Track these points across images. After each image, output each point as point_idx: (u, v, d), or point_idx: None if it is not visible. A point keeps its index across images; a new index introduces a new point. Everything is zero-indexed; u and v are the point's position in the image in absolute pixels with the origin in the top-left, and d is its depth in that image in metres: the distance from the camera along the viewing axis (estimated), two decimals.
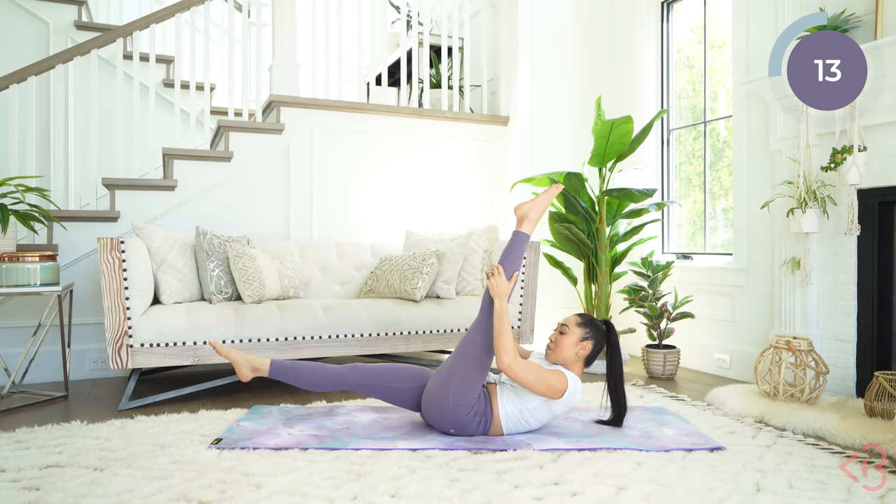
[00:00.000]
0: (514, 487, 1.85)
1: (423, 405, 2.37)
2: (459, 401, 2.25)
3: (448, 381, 2.26)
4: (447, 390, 2.25)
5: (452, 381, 2.25)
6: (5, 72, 4.25)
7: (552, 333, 2.44)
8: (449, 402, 2.25)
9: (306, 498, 1.76)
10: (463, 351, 2.29)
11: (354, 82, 5.77)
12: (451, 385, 2.25)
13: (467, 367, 2.26)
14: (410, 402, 2.44)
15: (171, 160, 3.67)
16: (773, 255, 3.36)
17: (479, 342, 2.29)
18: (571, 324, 2.42)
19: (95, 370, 3.46)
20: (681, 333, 3.89)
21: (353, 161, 4.07)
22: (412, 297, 3.34)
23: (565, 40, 4.49)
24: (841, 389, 3.04)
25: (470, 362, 2.26)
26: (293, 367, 2.39)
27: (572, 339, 2.39)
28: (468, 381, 2.25)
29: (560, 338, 2.40)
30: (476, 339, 2.29)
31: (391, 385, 2.41)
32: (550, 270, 4.30)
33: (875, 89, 2.81)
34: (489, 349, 2.29)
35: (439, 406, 2.28)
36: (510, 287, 2.30)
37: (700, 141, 4.05)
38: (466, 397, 2.25)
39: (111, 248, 2.74)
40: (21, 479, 1.88)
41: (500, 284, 2.29)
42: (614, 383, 2.44)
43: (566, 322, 2.44)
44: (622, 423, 2.48)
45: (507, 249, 2.40)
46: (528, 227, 2.44)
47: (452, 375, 2.26)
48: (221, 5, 5.31)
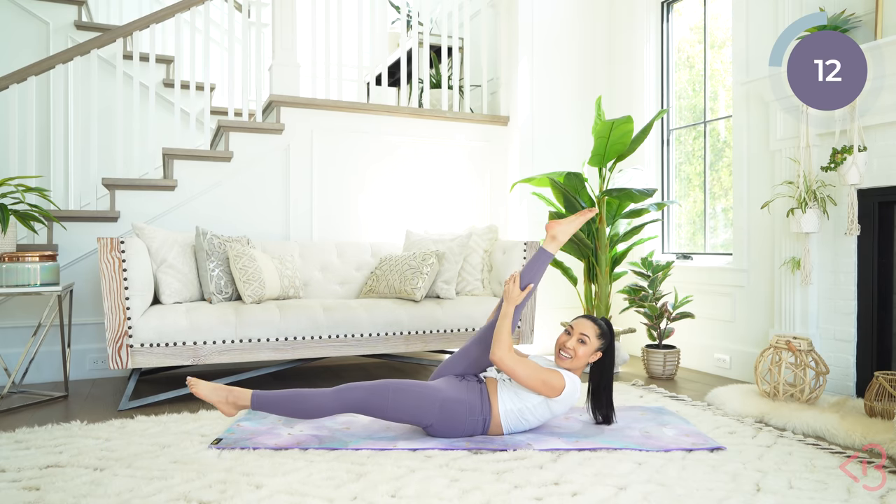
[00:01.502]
0: (514, 487, 1.85)
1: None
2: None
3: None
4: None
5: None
6: (5, 72, 4.25)
7: (565, 337, 2.41)
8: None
9: (306, 498, 1.76)
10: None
11: (354, 82, 5.77)
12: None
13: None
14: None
15: (171, 160, 3.67)
16: (773, 255, 3.36)
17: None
18: (592, 335, 2.40)
19: (95, 370, 3.46)
20: (681, 333, 3.89)
21: (353, 161, 4.07)
22: (412, 297, 3.34)
23: (565, 40, 4.49)
24: (841, 389, 3.04)
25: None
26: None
27: (590, 349, 2.40)
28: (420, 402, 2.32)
29: (579, 346, 2.39)
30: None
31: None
32: (550, 270, 4.29)
33: (875, 89, 2.81)
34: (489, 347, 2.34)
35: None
36: (522, 295, 2.42)
37: (700, 141, 4.05)
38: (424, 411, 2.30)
39: (111, 248, 2.74)
40: (21, 479, 1.88)
41: (513, 291, 2.42)
42: (606, 383, 2.46)
43: (586, 332, 2.40)
44: (609, 416, 2.49)
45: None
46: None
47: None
48: (221, 5, 5.31)
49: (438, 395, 2.26)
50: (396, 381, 2.28)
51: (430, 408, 2.24)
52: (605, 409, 2.47)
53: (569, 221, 2.54)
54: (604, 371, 2.44)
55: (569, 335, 2.42)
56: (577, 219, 2.56)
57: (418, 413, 2.23)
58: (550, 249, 2.51)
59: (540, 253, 2.50)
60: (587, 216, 2.58)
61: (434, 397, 2.25)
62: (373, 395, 2.22)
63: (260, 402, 2.21)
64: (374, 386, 2.24)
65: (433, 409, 2.24)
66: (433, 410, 2.24)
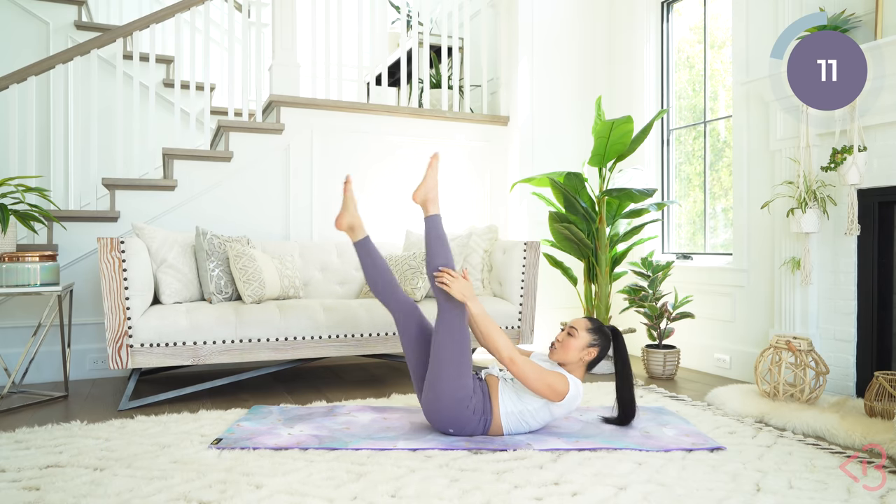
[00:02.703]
0: (514, 487, 1.85)
1: (423, 407, 2.36)
2: (456, 395, 2.24)
3: (438, 389, 2.25)
4: (442, 396, 2.25)
5: (442, 386, 2.24)
6: (5, 72, 4.25)
7: (559, 334, 2.44)
8: (445, 403, 2.26)
9: (306, 498, 1.76)
10: (439, 356, 2.25)
11: (354, 82, 5.77)
12: (444, 390, 2.24)
13: (450, 372, 2.23)
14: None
15: (171, 160, 3.67)
16: (773, 255, 3.36)
17: (447, 344, 2.25)
18: (581, 328, 2.41)
19: (95, 370, 3.46)
20: (681, 333, 3.89)
21: (353, 161, 4.07)
22: (412, 297, 3.33)
23: (565, 40, 4.49)
24: (841, 389, 3.04)
25: (449, 364, 2.24)
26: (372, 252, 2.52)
27: (580, 344, 2.39)
28: (456, 378, 2.24)
29: (567, 339, 2.40)
30: (444, 342, 2.25)
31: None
32: (550, 270, 4.30)
33: (875, 89, 2.81)
34: (461, 342, 2.26)
35: (441, 409, 2.28)
36: (470, 283, 2.29)
37: (700, 141, 4.05)
38: (461, 390, 2.24)
39: (111, 248, 2.74)
40: (21, 479, 1.88)
41: (462, 286, 2.25)
42: (627, 390, 2.44)
43: (575, 325, 2.43)
44: (627, 424, 2.49)
45: (433, 244, 2.35)
46: (435, 207, 2.42)
47: (438, 380, 2.24)
48: (221, 5, 5.31)
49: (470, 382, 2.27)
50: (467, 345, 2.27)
51: (466, 386, 2.24)
52: (622, 414, 2.46)
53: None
54: (621, 379, 2.44)
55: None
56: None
57: (458, 382, 2.22)
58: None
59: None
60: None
61: (469, 385, 2.25)
62: (452, 346, 2.23)
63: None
64: (461, 338, 2.24)
65: (468, 388, 2.24)
66: (468, 390, 2.24)
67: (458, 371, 2.23)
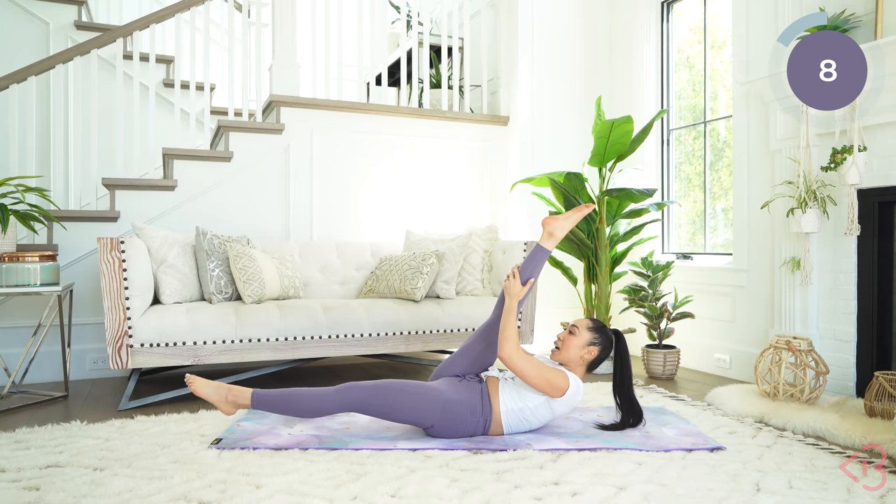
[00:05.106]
0: (514, 487, 1.85)
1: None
2: (424, 420, 2.29)
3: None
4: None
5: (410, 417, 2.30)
6: (5, 72, 4.25)
7: (560, 333, 2.46)
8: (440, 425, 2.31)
9: (306, 498, 1.76)
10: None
11: (354, 82, 5.77)
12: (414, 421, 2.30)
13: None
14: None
15: (171, 160, 3.67)
16: (772, 255, 3.36)
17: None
18: (582, 326, 2.43)
19: (95, 370, 3.46)
20: (681, 333, 3.89)
21: (353, 161, 4.07)
22: (412, 297, 3.34)
23: (565, 40, 4.49)
24: (841, 389, 3.04)
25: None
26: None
27: (580, 342, 2.40)
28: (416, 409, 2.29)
29: (568, 337, 2.41)
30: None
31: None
32: (550, 270, 4.29)
33: (875, 89, 2.81)
34: (491, 344, 2.41)
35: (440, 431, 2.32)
36: (524, 291, 2.41)
37: (700, 141, 4.05)
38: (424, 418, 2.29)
39: (111, 248, 2.74)
40: (21, 479, 1.88)
41: (514, 286, 2.41)
42: (625, 393, 2.43)
43: (577, 324, 2.45)
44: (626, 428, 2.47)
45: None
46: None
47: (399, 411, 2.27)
48: (221, 5, 5.31)
49: (440, 396, 2.26)
50: (398, 381, 2.28)
51: (431, 409, 2.24)
52: (624, 418, 2.44)
53: (565, 217, 2.52)
54: (620, 381, 2.43)
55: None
56: (574, 215, 2.53)
57: (420, 414, 2.23)
58: (548, 246, 2.50)
59: (537, 250, 2.49)
60: (584, 212, 2.55)
61: (436, 398, 2.25)
62: (374, 395, 2.21)
63: (260, 402, 2.20)
64: (375, 386, 2.24)
65: (435, 410, 2.24)
66: (435, 411, 2.24)
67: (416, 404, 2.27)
